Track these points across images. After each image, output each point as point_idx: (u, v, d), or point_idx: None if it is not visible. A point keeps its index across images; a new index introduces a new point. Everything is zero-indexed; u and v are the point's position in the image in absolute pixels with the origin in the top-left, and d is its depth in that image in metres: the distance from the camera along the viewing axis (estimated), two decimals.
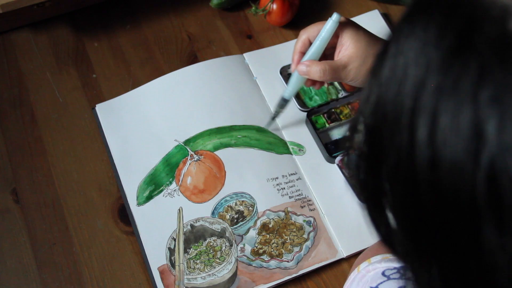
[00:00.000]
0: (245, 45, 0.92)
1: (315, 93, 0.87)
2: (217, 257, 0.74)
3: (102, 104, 0.85)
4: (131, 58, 0.91)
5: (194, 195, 0.78)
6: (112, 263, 0.75)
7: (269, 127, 0.83)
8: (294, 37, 0.92)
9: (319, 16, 0.95)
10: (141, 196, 0.78)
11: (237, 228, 0.76)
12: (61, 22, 0.93)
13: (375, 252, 0.63)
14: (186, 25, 0.94)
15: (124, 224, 0.77)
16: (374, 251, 0.64)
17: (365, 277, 0.60)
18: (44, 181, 0.80)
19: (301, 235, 0.76)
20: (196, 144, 0.82)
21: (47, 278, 0.74)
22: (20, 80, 0.88)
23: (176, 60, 0.91)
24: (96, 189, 0.80)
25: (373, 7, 0.95)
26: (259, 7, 0.92)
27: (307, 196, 0.79)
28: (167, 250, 0.75)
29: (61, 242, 0.76)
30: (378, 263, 0.60)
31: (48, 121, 0.85)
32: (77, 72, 0.89)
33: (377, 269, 0.59)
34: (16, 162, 0.82)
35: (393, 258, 0.60)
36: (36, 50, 0.91)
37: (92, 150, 0.83)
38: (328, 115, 0.85)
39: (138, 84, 0.87)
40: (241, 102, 0.85)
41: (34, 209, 0.78)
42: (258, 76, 0.88)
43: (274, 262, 0.74)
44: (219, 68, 0.88)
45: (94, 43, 0.92)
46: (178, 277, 0.73)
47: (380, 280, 0.57)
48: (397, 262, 0.59)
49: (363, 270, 0.61)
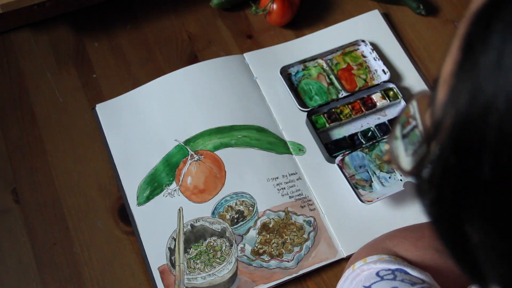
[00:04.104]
0: (245, 45, 0.92)
1: (315, 93, 0.87)
2: (217, 257, 0.74)
3: (102, 104, 0.85)
4: (131, 58, 0.91)
5: (194, 195, 0.78)
6: (112, 263, 0.75)
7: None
8: (294, 37, 0.92)
9: (319, 16, 0.95)
10: (141, 196, 0.78)
11: (237, 228, 0.76)
12: (61, 22, 0.93)
13: (370, 252, 0.63)
14: (186, 25, 0.94)
15: (124, 224, 0.77)
16: (370, 250, 0.64)
17: (359, 276, 0.60)
18: (44, 181, 0.80)
19: (301, 235, 0.76)
20: (196, 144, 0.82)
21: (47, 278, 0.74)
22: (20, 80, 0.88)
23: (176, 60, 0.90)
24: (96, 189, 0.80)
25: (373, 7, 0.95)
26: (259, 7, 0.92)
27: (307, 196, 0.79)
28: (167, 250, 0.75)
29: (61, 242, 0.76)
30: (373, 264, 0.60)
31: (48, 121, 0.85)
32: (77, 72, 0.89)
33: (371, 269, 0.59)
34: (16, 162, 0.82)
35: (388, 260, 0.60)
36: (36, 50, 0.91)
37: (92, 150, 0.83)
38: (328, 115, 0.85)
39: (138, 84, 0.87)
40: (241, 102, 0.85)
41: (34, 209, 0.78)
42: (258, 76, 0.88)
43: (274, 262, 0.74)
44: (219, 68, 0.88)
45: (94, 43, 0.92)
46: (178, 277, 0.73)
47: (374, 280, 0.57)
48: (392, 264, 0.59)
49: (358, 269, 0.61)
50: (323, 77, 0.89)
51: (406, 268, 0.58)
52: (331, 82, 0.88)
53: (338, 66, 0.89)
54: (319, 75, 0.89)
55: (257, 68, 0.89)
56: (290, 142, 0.83)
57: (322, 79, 0.88)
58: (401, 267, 0.58)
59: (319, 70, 0.89)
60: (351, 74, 0.89)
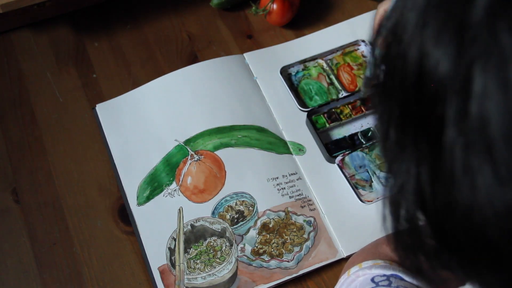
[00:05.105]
0: (245, 45, 0.92)
1: (315, 93, 0.87)
2: (217, 257, 0.74)
3: (102, 104, 0.85)
4: (131, 58, 0.91)
5: (194, 195, 0.78)
6: (112, 263, 0.75)
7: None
8: (294, 37, 0.92)
9: (319, 16, 0.95)
10: (141, 196, 0.78)
11: (237, 228, 0.76)
12: (61, 22, 0.93)
13: (366, 257, 0.63)
14: (186, 25, 0.94)
15: (124, 224, 0.77)
16: (365, 255, 0.64)
17: (354, 282, 0.59)
18: (44, 181, 0.80)
19: (301, 235, 0.76)
20: (196, 144, 0.82)
21: (47, 278, 0.74)
22: (20, 80, 0.88)
23: (176, 60, 0.91)
24: (96, 189, 0.80)
25: (373, 7, 0.95)
26: (259, 7, 0.92)
27: (307, 196, 0.79)
28: (167, 250, 0.75)
29: (61, 242, 0.76)
30: (368, 269, 0.59)
31: (48, 121, 0.85)
32: (77, 72, 0.89)
33: (366, 275, 0.59)
34: (16, 162, 0.82)
35: (384, 265, 0.59)
36: (36, 50, 0.91)
37: (92, 150, 0.83)
38: (328, 115, 0.85)
39: (138, 84, 0.87)
40: (241, 102, 0.85)
41: (34, 209, 0.78)
42: (258, 76, 0.88)
43: (274, 262, 0.74)
44: (219, 68, 0.88)
45: (94, 43, 0.92)
46: (178, 277, 0.73)
47: (369, 286, 0.57)
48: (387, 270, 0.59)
49: (353, 274, 0.60)
50: (323, 77, 0.89)
51: (401, 274, 0.57)
52: (331, 82, 0.88)
53: (338, 66, 0.89)
54: (319, 75, 0.89)
55: (257, 68, 0.89)
56: (290, 142, 0.83)
57: (322, 79, 0.88)
58: (396, 272, 0.58)
59: (319, 70, 0.89)
60: (351, 74, 0.89)
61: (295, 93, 0.87)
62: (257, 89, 0.87)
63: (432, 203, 0.33)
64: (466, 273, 0.36)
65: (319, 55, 0.89)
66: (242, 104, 0.85)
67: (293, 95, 0.86)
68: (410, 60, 0.31)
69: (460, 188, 0.30)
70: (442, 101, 0.30)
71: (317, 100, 0.86)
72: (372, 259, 0.61)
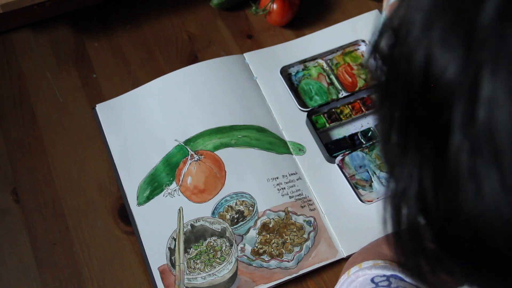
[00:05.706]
0: (245, 45, 0.92)
1: (315, 93, 0.87)
2: (217, 257, 0.74)
3: (102, 104, 0.85)
4: (131, 58, 0.91)
5: (194, 195, 0.78)
6: (112, 263, 0.75)
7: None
8: (294, 37, 0.92)
9: (319, 16, 0.95)
10: (141, 196, 0.78)
11: (237, 228, 0.76)
12: (61, 22, 0.93)
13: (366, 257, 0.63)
14: (186, 25, 0.94)
15: (124, 224, 0.77)
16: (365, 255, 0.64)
17: (354, 282, 0.59)
18: (44, 181, 0.80)
19: (301, 235, 0.76)
20: (196, 144, 0.82)
21: (47, 278, 0.74)
22: (20, 80, 0.88)
23: (176, 60, 0.90)
24: (96, 189, 0.80)
25: (373, 7, 0.95)
26: (259, 7, 0.92)
27: (307, 196, 0.79)
28: (167, 250, 0.75)
29: (61, 242, 0.76)
30: (368, 269, 0.59)
31: (48, 121, 0.85)
32: (77, 72, 0.89)
33: (366, 275, 0.59)
34: (16, 162, 0.82)
35: (384, 265, 0.59)
36: (36, 50, 0.91)
37: (92, 150, 0.83)
38: (328, 115, 0.85)
39: (138, 84, 0.87)
40: (241, 102, 0.85)
41: (34, 209, 0.78)
42: (258, 76, 0.88)
43: (274, 262, 0.74)
44: (219, 68, 0.88)
45: (94, 43, 0.92)
46: (178, 277, 0.73)
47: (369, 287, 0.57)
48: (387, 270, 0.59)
49: (353, 275, 0.60)
50: (323, 77, 0.89)
51: (401, 274, 0.57)
52: (331, 82, 0.88)
53: (338, 66, 0.89)
54: (319, 75, 0.89)
55: (257, 68, 0.89)
56: (290, 142, 0.83)
57: (322, 79, 0.88)
58: (396, 273, 0.58)
59: (319, 70, 0.89)
60: (352, 74, 0.89)
61: (295, 93, 0.87)
62: (257, 89, 0.87)
63: (434, 208, 0.32)
64: (467, 278, 0.36)
65: (319, 55, 0.89)
66: (242, 104, 0.85)
67: (293, 95, 0.86)
68: (415, 63, 0.31)
69: (465, 194, 0.29)
70: (449, 106, 0.29)
71: (317, 100, 0.86)
72: (372, 259, 0.61)
